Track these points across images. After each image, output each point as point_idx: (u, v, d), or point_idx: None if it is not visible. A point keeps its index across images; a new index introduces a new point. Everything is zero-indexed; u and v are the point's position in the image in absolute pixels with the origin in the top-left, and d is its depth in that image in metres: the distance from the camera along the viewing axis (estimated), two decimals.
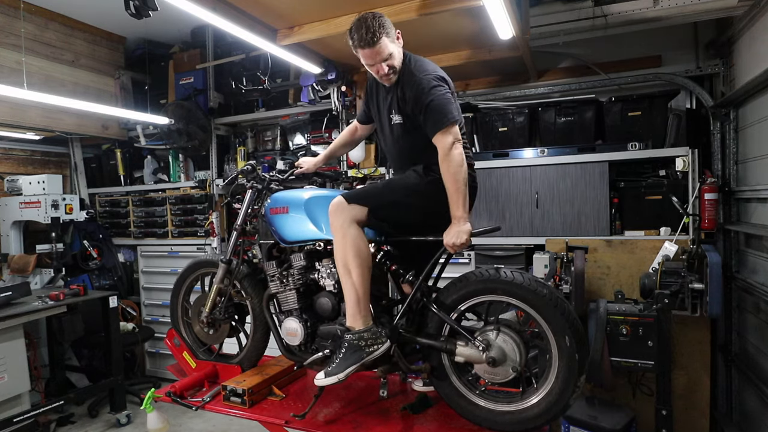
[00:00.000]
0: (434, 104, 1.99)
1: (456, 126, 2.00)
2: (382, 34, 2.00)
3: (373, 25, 1.99)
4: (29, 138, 5.10)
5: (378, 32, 1.99)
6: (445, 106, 1.99)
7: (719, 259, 2.83)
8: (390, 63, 2.06)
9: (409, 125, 2.14)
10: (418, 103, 2.02)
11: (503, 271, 1.97)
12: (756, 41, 3.03)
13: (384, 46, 2.01)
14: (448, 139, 1.96)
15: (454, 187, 1.96)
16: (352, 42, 2.05)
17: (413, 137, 2.14)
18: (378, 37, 1.99)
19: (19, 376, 3.81)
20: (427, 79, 2.03)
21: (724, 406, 3.57)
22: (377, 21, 2.00)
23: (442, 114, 1.98)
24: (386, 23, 2.03)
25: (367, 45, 2.01)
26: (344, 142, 2.72)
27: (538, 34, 3.47)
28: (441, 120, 1.98)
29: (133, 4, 2.44)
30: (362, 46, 2.02)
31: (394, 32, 2.07)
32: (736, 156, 3.41)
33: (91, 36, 4.98)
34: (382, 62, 2.05)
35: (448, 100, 2.02)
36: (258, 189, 2.56)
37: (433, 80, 2.03)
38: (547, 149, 3.71)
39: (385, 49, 2.02)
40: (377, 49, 2.01)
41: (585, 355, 1.91)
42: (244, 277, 2.62)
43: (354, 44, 2.05)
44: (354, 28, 2.03)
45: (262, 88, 4.54)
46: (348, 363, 2.01)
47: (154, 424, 2.58)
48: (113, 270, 5.43)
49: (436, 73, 2.07)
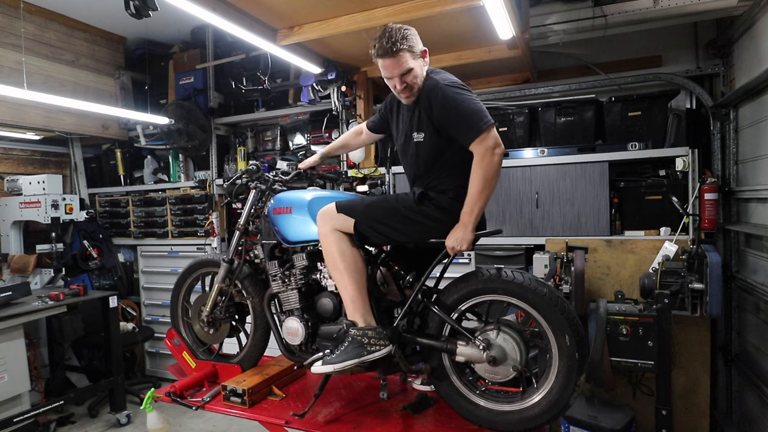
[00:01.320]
0: (465, 110, 1.90)
1: (494, 129, 1.89)
2: (403, 46, 1.92)
3: (396, 35, 1.92)
4: (29, 138, 5.10)
5: (399, 43, 1.91)
6: (479, 110, 1.90)
7: (719, 259, 2.83)
8: (408, 80, 1.97)
9: (429, 143, 2.04)
10: (447, 113, 1.93)
11: (503, 271, 1.97)
12: (756, 41, 3.04)
13: (403, 59, 1.93)
14: (488, 143, 1.86)
15: (478, 191, 1.88)
16: (373, 50, 1.97)
17: (432, 156, 2.06)
18: (398, 48, 1.91)
19: (19, 376, 3.81)
20: (453, 87, 1.94)
21: (724, 406, 3.57)
22: (401, 32, 1.94)
23: (477, 118, 1.88)
24: (411, 36, 1.96)
25: (385, 54, 1.94)
26: (346, 143, 2.68)
27: (538, 34, 3.48)
28: (476, 125, 1.87)
29: (133, 4, 2.44)
30: (380, 55, 1.95)
31: (419, 48, 1.99)
32: (736, 156, 3.41)
33: (91, 36, 4.98)
34: (399, 76, 1.97)
35: (479, 104, 1.92)
36: (262, 189, 2.56)
37: (459, 87, 1.95)
38: (547, 149, 3.71)
39: (404, 63, 1.94)
40: (396, 60, 1.94)
41: (585, 355, 1.91)
42: (245, 277, 2.62)
43: (374, 53, 1.98)
44: (377, 36, 1.96)
45: (262, 88, 4.54)
46: (347, 356, 2.00)
47: (154, 424, 2.58)
48: (113, 270, 5.43)
49: (457, 80, 2.00)
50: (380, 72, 2.04)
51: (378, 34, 1.97)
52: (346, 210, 2.12)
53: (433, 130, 2.01)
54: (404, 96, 2.05)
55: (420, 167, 2.10)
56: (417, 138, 2.07)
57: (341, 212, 2.12)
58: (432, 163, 2.06)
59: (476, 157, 1.89)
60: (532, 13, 3.46)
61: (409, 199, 2.08)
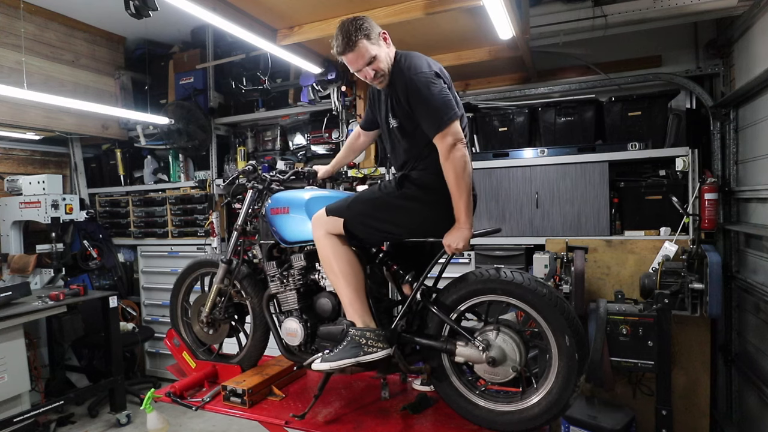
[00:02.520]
0: (429, 104, 1.89)
1: (455, 124, 1.89)
2: (360, 36, 1.92)
3: (350, 29, 1.93)
4: (29, 138, 5.11)
5: (354, 35, 1.92)
6: (442, 105, 1.88)
7: (719, 259, 2.83)
8: (375, 66, 1.97)
9: (405, 128, 2.05)
10: (411, 104, 1.94)
11: (503, 271, 1.97)
12: (756, 41, 3.04)
13: (363, 49, 1.93)
14: (447, 141, 1.86)
15: (457, 192, 1.89)
16: (334, 51, 2.00)
17: (410, 141, 2.06)
18: (355, 40, 1.92)
19: (19, 376, 3.81)
20: (419, 77, 1.92)
21: (724, 406, 3.57)
22: (354, 24, 1.94)
23: (439, 114, 1.88)
24: (365, 25, 1.95)
25: (345, 50, 1.95)
26: (350, 150, 2.67)
27: (538, 34, 3.48)
28: (438, 121, 1.88)
29: (133, 4, 2.44)
30: (341, 52, 1.97)
31: (376, 33, 1.98)
32: (736, 156, 3.41)
33: (91, 36, 4.98)
34: (366, 66, 1.96)
35: (445, 98, 1.90)
36: (259, 189, 2.55)
37: (425, 78, 1.92)
38: (547, 149, 3.71)
39: (365, 53, 1.94)
40: (357, 53, 1.94)
41: (585, 355, 1.90)
42: (244, 277, 2.62)
43: (335, 52, 2.00)
44: (334, 36, 1.98)
45: (262, 88, 4.54)
46: (345, 355, 2.00)
47: (153, 425, 2.58)
48: (113, 270, 5.43)
49: (430, 70, 1.95)
50: None
51: (335, 33, 1.98)
52: (334, 211, 2.12)
53: (406, 115, 2.01)
54: (377, 83, 2.05)
55: (401, 153, 2.11)
56: (393, 123, 2.08)
57: (331, 215, 2.12)
58: (410, 147, 2.07)
59: (441, 155, 1.90)
60: (532, 13, 3.46)
61: (390, 185, 2.09)
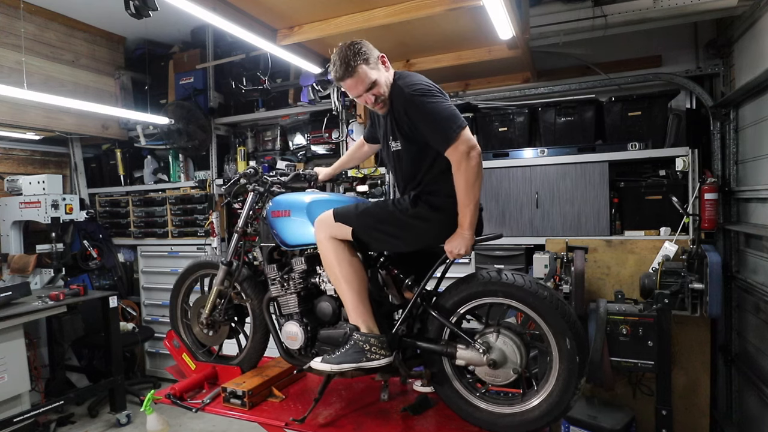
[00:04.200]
0: (434, 117, 1.86)
1: (466, 132, 1.85)
2: (359, 61, 1.89)
3: (348, 54, 1.90)
4: (29, 138, 5.10)
5: (353, 60, 1.89)
6: (448, 116, 1.86)
7: (719, 259, 2.83)
8: (375, 91, 1.95)
9: (407, 150, 2.03)
10: (415, 121, 1.91)
11: (503, 274, 1.97)
12: (756, 41, 3.03)
13: (363, 74, 1.91)
14: (461, 150, 1.82)
15: (465, 200, 1.86)
16: (333, 76, 1.97)
17: (411, 162, 2.04)
18: (354, 66, 1.89)
19: (19, 376, 3.82)
20: (418, 92, 1.89)
21: (724, 406, 3.57)
22: (352, 49, 1.91)
23: (447, 124, 1.84)
24: (363, 49, 1.92)
25: (344, 76, 1.92)
26: (351, 157, 2.69)
27: (538, 34, 3.47)
28: (447, 132, 1.84)
29: (133, 4, 2.44)
30: (340, 78, 1.94)
31: (375, 57, 1.95)
32: (736, 156, 3.41)
33: (91, 36, 4.98)
34: (366, 92, 1.95)
35: (448, 108, 1.88)
36: (260, 192, 2.55)
37: (424, 91, 1.89)
38: (547, 149, 3.71)
39: (365, 78, 1.91)
40: (357, 78, 1.91)
41: (585, 357, 1.91)
42: (244, 279, 2.61)
43: (334, 78, 1.97)
44: (332, 62, 1.95)
45: (262, 88, 4.54)
46: (346, 359, 2.00)
47: (153, 426, 2.58)
48: (113, 270, 5.43)
49: (424, 84, 1.94)
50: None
51: (332, 58, 1.95)
52: (343, 218, 2.10)
53: (407, 137, 1.99)
54: (378, 108, 2.03)
55: (404, 174, 2.10)
56: (394, 147, 2.07)
57: (339, 220, 2.11)
58: (414, 170, 2.05)
59: (453, 163, 1.87)
60: (532, 13, 3.45)
61: (404, 203, 2.07)
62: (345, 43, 1.95)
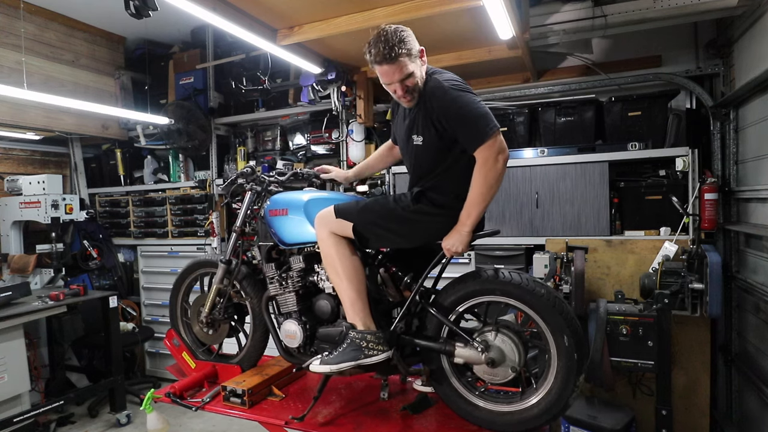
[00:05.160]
0: (469, 115, 1.82)
1: (500, 135, 1.82)
2: (402, 50, 1.83)
3: (393, 39, 1.82)
4: (29, 138, 5.11)
5: (397, 48, 1.82)
6: (484, 114, 1.82)
7: (719, 259, 2.82)
8: (410, 83, 1.89)
9: (430, 145, 1.97)
10: (450, 117, 1.85)
11: (501, 272, 1.97)
12: (756, 41, 3.03)
13: (403, 64, 1.84)
14: (494, 149, 1.80)
15: (477, 200, 1.85)
16: (369, 57, 1.88)
17: (433, 159, 2.00)
18: (396, 53, 1.82)
19: (19, 376, 3.82)
20: (455, 87, 1.85)
21: (724, 406, 3.56)
22: (397, 36, 1.83)
23: (484, 122, 1.81)
24: (408, 39, 1.86)
25: (383, 61, 1.84)
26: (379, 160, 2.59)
27: (538, 34, 3.47)
28: (482, 131, 1.80)
29: (133, 4, 2.44)
30: (378, 62, 1.86)
31: (417, 49, 1.89)
32: (736, 156, 3.41)
33: (91, 36, 4.99)
34: (399, 82, 1.89)
35: (483, 107, 1.84)
36: (257, 191, 2.55)
37: (461, 88, 1.85)
38: (547, 149, 3.71)
39: (404, 68, 1.85)
40: (395, 66, 1.85)
41: (584, 355, 1.90)
42: (243, 277, 2.61)
43: (371, 59, 1.88)
44: (372, 42, 1.87)
45: (262, 88, 4.54)
46: (345, 358, 2.00)
47: (153, 425, 2.58)
48: (113, 270, 5.44)
49: (461, 81, 1.90)
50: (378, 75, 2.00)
51: (373, 38, 1.88)
52: (344, 214, 2.10)
53: (434, 133, 1.94)
54: (405, 100, 1.98)
55: (420, 170, 2.06)
56: (416, 141, 2.01)
57: (340, 216, 2.09)
58: (432, 167, 2.01)
59: (479, 162, 1.83)
60: (532, 13, 3.45)
61: (406, 199, 2.05)
62: (390, 27, 1.88)
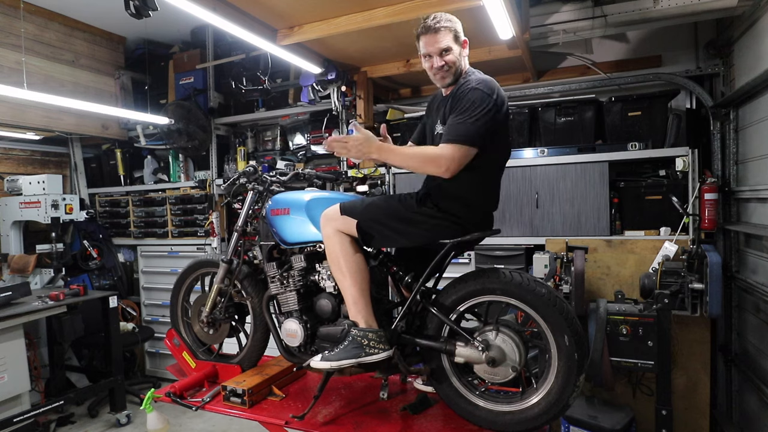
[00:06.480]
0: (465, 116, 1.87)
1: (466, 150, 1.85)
2: (447, 25, 1.97)
3: (444, 17, 1.99)
4: (29, 138, 5.11)
5: (442, 21, 1.97)
6: (472, 126, 1.85)
7: (719, 259, 2.82)
8: (447, 59, 1.98)
9: None
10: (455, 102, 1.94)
11: (502, 272, 1.97)
12: (756, 41, 3.03)
13: (444, 35, 1.97)
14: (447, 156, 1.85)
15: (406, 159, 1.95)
16: (419, 29, 2.01)
17: None
18: (443, 25, 1.96)
19: (19, 376, 3.81)
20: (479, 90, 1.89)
21: (724, 406, 3.57)
22: (447, 15, 2.01)
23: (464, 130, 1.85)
24: (455, 20, 2.02)
25: (427, 30, 1.98)
26: None
27: (538, 34, 3.47)
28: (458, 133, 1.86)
29: (133, 4, 2.44)
30: (423, 32, 1.99)
31: (461, 36, 2.03)
32: (736, 156, 3.41)
33: (91, 36, 4.99)
34: (438, 54, 1.98)
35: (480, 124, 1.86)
36: (259, 191, 2.55)
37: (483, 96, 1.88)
38: (547, 149, 3.71)
39: (443, 39, 1.97)
40: (436, 36, 1.97)
41: (584, 355, 1.90)
42: (244, 277, 2.62)
43: (417, 32, 2.02)
44: (424, 18, 2.02)
45: (262, 88, 4.54)
46: (346, 355, 2.00)
47: (154, 425, 2.58)
48: (113, 270, 5.43)
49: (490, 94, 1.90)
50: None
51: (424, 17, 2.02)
52: (349, 211, 2.11)
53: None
54: (440, 76, 2.02)
55: None
56: (438, 130, 2.07)
57: (344, 213, 2.11)
58: None
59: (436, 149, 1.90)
60: (532, 13, 3.46)
61: (411, 200, 2.07)
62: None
